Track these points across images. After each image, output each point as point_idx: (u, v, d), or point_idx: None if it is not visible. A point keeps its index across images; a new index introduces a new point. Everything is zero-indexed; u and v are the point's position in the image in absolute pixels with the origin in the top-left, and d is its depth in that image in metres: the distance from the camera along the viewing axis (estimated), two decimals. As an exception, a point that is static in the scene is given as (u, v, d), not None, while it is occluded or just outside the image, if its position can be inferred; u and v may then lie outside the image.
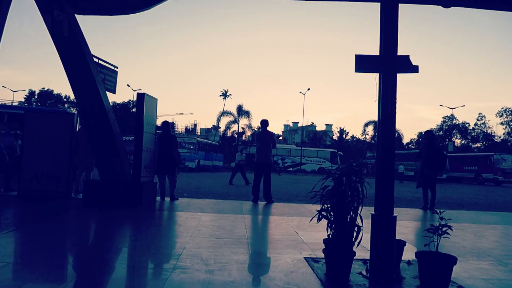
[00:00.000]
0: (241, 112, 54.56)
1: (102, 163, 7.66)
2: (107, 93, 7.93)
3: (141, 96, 7.72)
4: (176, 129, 78.58)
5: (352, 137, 68.37)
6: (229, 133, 58.84)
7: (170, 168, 8.65)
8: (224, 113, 56.50)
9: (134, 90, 45.85)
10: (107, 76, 8.54)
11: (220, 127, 60.25)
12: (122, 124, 34.42)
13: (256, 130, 47.54)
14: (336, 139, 67.98)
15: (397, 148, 51.85)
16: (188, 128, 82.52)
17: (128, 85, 47.77)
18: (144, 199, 7.35)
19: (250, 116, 54.88)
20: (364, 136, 61.95)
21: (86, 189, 7.32)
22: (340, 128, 68.02)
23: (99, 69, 7.86)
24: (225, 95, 63.22)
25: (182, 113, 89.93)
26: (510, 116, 64.66)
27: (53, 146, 8.16)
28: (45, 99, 59.18)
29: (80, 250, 4.24)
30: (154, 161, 8.37)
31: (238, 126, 55.95)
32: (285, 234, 5.26)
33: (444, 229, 3.17)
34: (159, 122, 9.25)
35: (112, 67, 8.62)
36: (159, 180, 8.73)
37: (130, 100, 53.36)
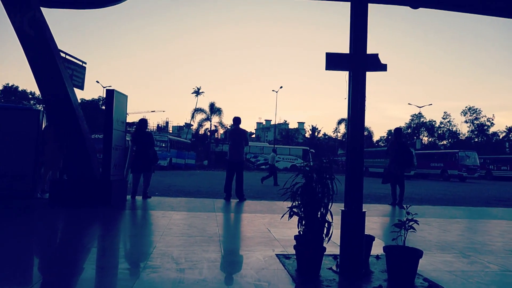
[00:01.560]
0: (214, 109, 54.30)
1: (70, 162, 7.46)
2: (75, 89, 7.71)
3: (110, 92, 7.55)
4: (148, 127, 77.36)
5: (324, 135, 69.31)
6: (201, 131, 58.48)
7: (146, 166, 8.54)
8: (196, 110, 56.07)
9: (104, 87, 44.77)
10: (75, 72, 8.31)
11: (192, 125, 59.83)
12: (92, 121, 33.59)
13: (229, 127, 47.44)
14: (308, 137, 68.77)
15: (368, 145, 52.94)
16: (160, 125, 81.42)
17: (97, 82, 46.64)
18: (113, 197, 7.20)
19: (223, 113, 54.74)
20: (336, 134, 63.00)
21: (52, 188, 7.10)
22: (312, 126, 68.83)
23: (66, 65, 7.63)
24: (197, 92, 62.72)
25: (154, 111, 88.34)
26: (474, 115, 67.21)
27: (18, 144, 7.87)
28: (8, 95, 56.93)
29: (45, 251, 4.11)
30: (124, 159, 8.23)
31: (210, 124, 55.66)
32: (257, 231, 5.28)
33: (410, 223, 3.25)
34: (130, 119, 9.12)
35: (80, 63, 8.39)
36: (134, 178, 8.60)
37: (100, 97, 52.13)
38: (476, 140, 65.52)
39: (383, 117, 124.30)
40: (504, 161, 39.48)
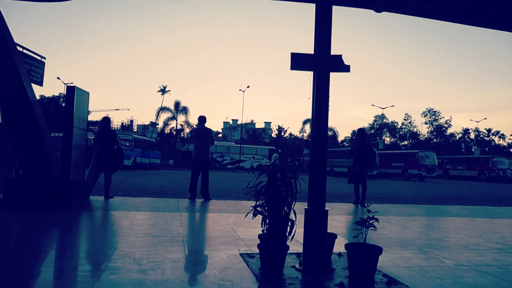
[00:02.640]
0: (179, 108, 53.67)
1: (27, 161, 7.14)
2: (34, 85, 7.40)
3: (71, 89, 7.30)
4: (112, 125, 75.50)
5: (290, 134, 70.10)
6: (167, 130, 57.68)
7: (110, 165, 8.33)
8: (162, 109, 55.25)
9: (65, 84, 43.28)
10: (33, 67, 7.99)
11: (158, 124, 58.87)
12: (52, 119, 32.38)
13: (195, 126, 47.07)
14: (275, 136, 69.28)
15: (333, 145, 53.98)
16: (124, 124, 79.62)
17: (58, 78, 45.07)
18: (74, 198, 6.97)
19: (189, 112, 54.25)
20: (302, 134, 63.82)
21: (6, 189, 6.78)
22: (279, 126, 69.40)
23: (23, 59, 7.32)
24: (163, 90, 61.80)
25: (118, 109, 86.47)
26: (433, 117, 69.94)
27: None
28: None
29: (-1, 254, 3.92)
30: (86, 159, 7.99)
31: (176, 123, 55.03)
32: (222, 230, 5.26)
33: (371, 221, 3.34)
34: (93, 117, 8.91)
35: (39, 58, 8.08)
36: (95, 178, 8.39)
37: (60, 93, 50.32)
38: (435, 140, 68.21)
39: (348, 117, 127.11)
40: (460, 161, 41.37)
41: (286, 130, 69.67)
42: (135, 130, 77.25)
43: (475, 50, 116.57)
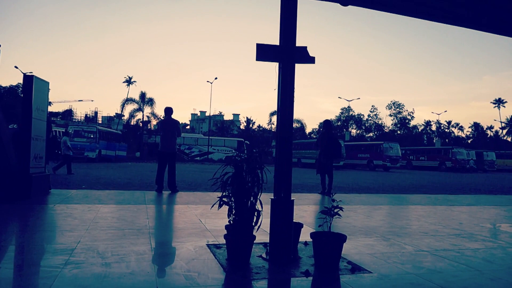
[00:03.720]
0: (146, 99, 52.61)
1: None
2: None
3: (28, 78, 6.99)
4: (75, 117, 73.15)
5: (259, 126, 70.24)
6: (133, 122, 56.48)
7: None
8: (127, 100, 53.97)
9: (24, 73, 41.42)
10: (-12, 55, 7.57)
11: (124, 115, 57.49)
12: (9, 110, 30.98)
13: (162, 118, 46.32)
14: (243, 128, 69.23)
15: (301, 137, 54.56)
16: (88, 116, 77.32)
17: (16, 67, 43.03)
18: (34, 191, 6.72)
19: (155, 104, 53.27)
20: (270, 125, 64.08)
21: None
22: (247, 117, 69.34)
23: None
24: (129, 81, 60.39)
25: (82, 100, 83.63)
26: (397, 109, 71.97)
27: None
28: None
29: (-48, 251, 3.73)
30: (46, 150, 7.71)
31: (143, 115, 53.94)
32: (189, 222, 5.23)
33: (336, 210, 3.41)
34: (55, 108, 8.61)
35: (-6, 45, 7.66)
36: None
37: (19, 83, 48.17)
38: (399, 132, 70.31)
39: (316, 110, 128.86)
40: (422, 151, 42.88)
41: (255, 122, 69.84)
42: (100, 121, 75.22)
43: (437, 46, 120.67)
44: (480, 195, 11.76)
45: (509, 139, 75.86)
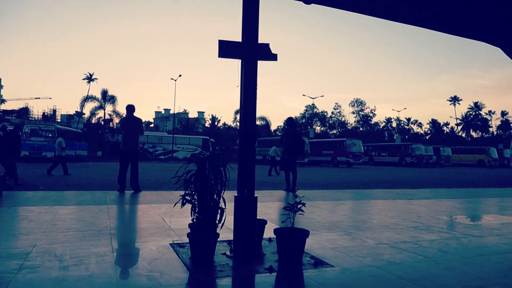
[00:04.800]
0: (107, 97, 51.16)
1: None
2: None
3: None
4: (32, 115, 70.15)
5: (224, 124, 70.06)
6: (94, 120, 54.83)
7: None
8: (88, 98, 52.29)
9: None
10: None
11: (84, 114, 55.70)
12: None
13: (124, 116, 45.20)
14: (209, 126, 68.84)
15: (266, 134, 54.85)
16: (46, 114, 74.27)
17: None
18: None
19: (117, 101, 51.89)
20: (235, 123, 64.03)
21: None
22: (212, 115, 69.08)
23: None
24: (89, 78, 58.57)
25: (39, 98, 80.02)
26: (360, 106, 73.80)
27: None
28: None
29: None
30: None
31: (104, 113, 52.42)
32: (152, 222, 5.13)
33: (298, 206, 3.45)
34: (9, 106, 8.23)
35: None
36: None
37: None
38: (361, 129, 72.16)
39: (281, 107, 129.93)
40: (383, 148, 44.21)
41: (220, 120, 69.61)
42: (59, 120, 72.45)
43: (398, 45, 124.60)
44: (437, 189, 12.27)
45: (463, 135, 79.65)
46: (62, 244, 3.83)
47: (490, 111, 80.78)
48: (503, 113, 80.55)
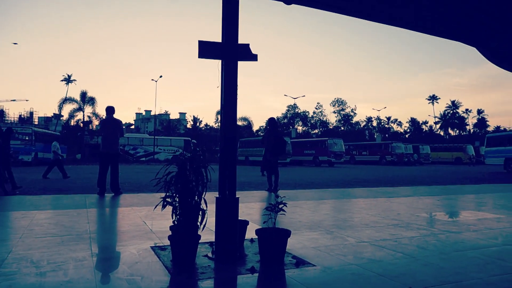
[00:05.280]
0: (86, 99, 50.29)
1: None
2: None
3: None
4: (7, 118, 68.41)
5: (206, 125, 69.75)
6: (73, 122, 53.81)
7: None
8: (66, 100, 51.30)
9: None
10: None
11: (62, 116, 54.58)
12: None
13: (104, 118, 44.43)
14: (190, 127, 68.42)
15: (248, 135, 54.88)
16: (22, 116, 72.46)
17: None
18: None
19: (96, 103, 51.07)
20: (217, 124, 63.80)
21: None
22: (194, 116, 68.65)
23: None
24: (68, 80, 57.41)
25: (15, 100, 77.97)
26: (341, 106, 74.56)
27: None
28: None
29: None
30: None
31: (83, 115, 51.52)
32: (132, 225, 5.07)
33: (280, 206, 3.46)
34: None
35: None
36: None
37: None
38: (342, 128, 72.89)
39: (263, 107, 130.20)
40: (365, 147, 44.79)
41: (202, 121, 69.27)
42: (36, 122, 70.79)
43: (377, 45, 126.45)
44: (417, 187, 12.49)
45: (442, 133, 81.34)
46: (39, 249, 3.74)
47: (467, 110, 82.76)
48: (479, 111, 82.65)
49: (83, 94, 50.29)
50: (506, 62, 5.57)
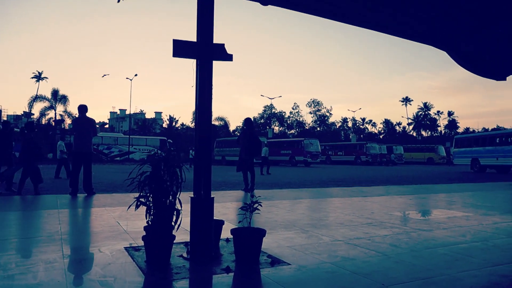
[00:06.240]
0: (58, 97, 49.01)
1: None
2: None
3: None
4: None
5: (182, 124, 69.13)
6: (44, 121, 52.35)
7: None
8: (37, 97, 49.89)
9: None
10: None
11: (33, 114, 53.04)
12: None
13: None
14: (166, 127, 67.64)
15: (225, 135, 54.71)
16: (-10, 115, 70.00)
17: None
18: None
19: (69, 101, 49.85)
20: (194, 124, 63.33)
21: None
22: (170, 116, 67.92)
23: None
24: (38, 77, 55.79)
25: (-18, 97, 75.18)
26: (317, 106, 75.29)
27: None
28: None
29: None
30: None
31: (55, 113, 50.21)
32: (106, 225, 4.97)
33: (255, 206, 3.46)
34: None
35: None
36: None
37: None
38: (318, 129, 73.62)
39: (240, 107, 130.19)
40: (340, 147, 45.42)
41: (178, 120, 68.53)
42: (6, 121, 68.45)
43: (353, 47, 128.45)
44: (390, 186, 12.76)
45: (414, 134, 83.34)
46: (7, 252, 3.63)
47: (438, 111, 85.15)
48: (450, 113, 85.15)
49: (55, 92, 49.02)
50: (474, 66, 5.76)
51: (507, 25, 4.99)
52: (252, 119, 10.79)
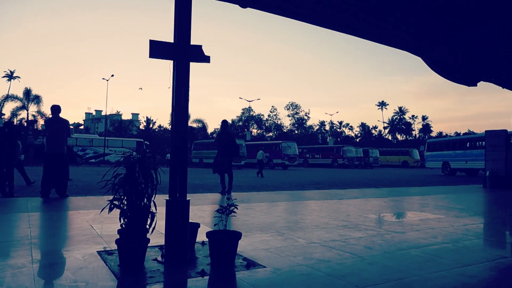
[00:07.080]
0: (31, 97, 47.70)
1: None
2: None
3: None
4: None
5: (160, 126, 68.38)
6: (16, 121, 50.81)
7: None
8: (8, 97, 48.40)
9: None
10: None
11: (4, 114, 51.39)
12: None
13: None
14: (143, 128, 66.80)
15: (203, 137, 54.40)
16: (-42, 114, 67.48)
17: None
18: None
19: (42, 102, 48.56)
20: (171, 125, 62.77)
21: None
22: (147, 117, 67.18)
23: None
24: (10, 76, 54.25)
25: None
26: (295, 110, 75.87)
27: None
28: None
29: None
30: None
31: (27, 113, 48.82)
32: (78, 229, 4.86)
33: (231, 208, 3.45)
34: None
35: None
36: None
37: None
38: (296, 132, 74.13)
39: (218, 110, 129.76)
40: (317, 150, 45.88)
41: (155, 122, 67.82)
42: (-26, 121, 66.15)
43: (331, 50, 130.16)
44: (365, 189, 12.96)
45: (390, 138, 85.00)
46: (-26, 256, 3.49)
47: (413, 116, 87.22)
48: (424, 118, 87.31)
49: (27, 92, 47.68)
50: (446, 72, 5.93)
51: (477, 33, 5.16)
52: (231, 121, 10.78)
